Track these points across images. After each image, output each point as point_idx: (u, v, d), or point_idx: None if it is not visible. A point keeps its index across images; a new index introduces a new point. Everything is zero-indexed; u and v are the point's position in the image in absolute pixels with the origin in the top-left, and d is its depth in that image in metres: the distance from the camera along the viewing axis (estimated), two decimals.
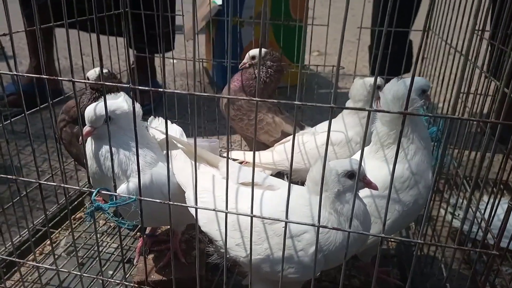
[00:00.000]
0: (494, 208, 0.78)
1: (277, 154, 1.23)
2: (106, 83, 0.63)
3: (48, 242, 1.11)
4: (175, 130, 0.98)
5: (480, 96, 1.07)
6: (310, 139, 1.21)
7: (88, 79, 1.11)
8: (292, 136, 1.27)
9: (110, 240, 1.11)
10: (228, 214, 0.77)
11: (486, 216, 0.74)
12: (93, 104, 0.81)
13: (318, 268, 0.76)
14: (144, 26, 1.45)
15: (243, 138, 1.50)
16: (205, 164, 0.90)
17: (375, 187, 0.76)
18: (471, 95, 1.03)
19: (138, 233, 1.12)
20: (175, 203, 0.68)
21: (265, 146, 1.34)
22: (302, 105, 0.59)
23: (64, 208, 1.23)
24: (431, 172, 0.90)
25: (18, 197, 1.13)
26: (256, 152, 1.25)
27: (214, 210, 0.70)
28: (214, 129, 1.73)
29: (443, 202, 1.16)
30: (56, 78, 0.66)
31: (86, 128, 0.80)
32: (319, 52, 3.29)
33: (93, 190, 0.70)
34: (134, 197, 0.69)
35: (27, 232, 1.11)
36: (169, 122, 1.02)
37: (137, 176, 0.79)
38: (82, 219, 1.20)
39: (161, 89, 0.60)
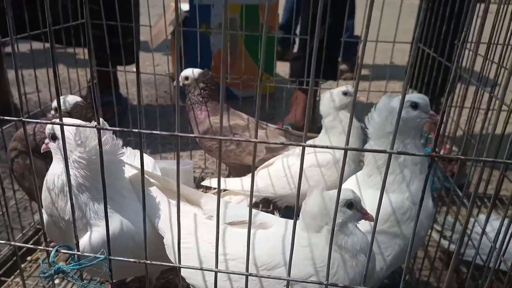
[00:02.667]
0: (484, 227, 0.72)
1: (260, 180, 1.13)
2: (64, 123, 0.50)
3: None
4: (146, 163, 0.85)
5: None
6: (296, 161, 1.12)
7: (55, 109, 1.00)
8: (275, 158, 1.19)
9: (71, 287, 0.97)
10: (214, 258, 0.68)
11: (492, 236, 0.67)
12: None
13: None
14: (106, 37, 1.33)
15: (227, 166, 1.39)
16: (184, 202, 0.78)
17: (371, 218, 0.68)
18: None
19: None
20: (153, 262, 0.56)
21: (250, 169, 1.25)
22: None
23: (20, 248, 1.07)
24: (431, 199, 0.84)
25: None
26: (238, 179, 1.14)
27: (201, 269, 0.59)
28: (186, 144, 1.61)
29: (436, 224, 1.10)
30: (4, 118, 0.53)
31: (45, 141, 0.71)
32: None
33: (51, 249, 0.57)
34: (101, 257, 0.57)
35: None
36: (138, 152, 0.91)
37: (99, 224, 0.68)
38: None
39: (135, 130, 0.49)
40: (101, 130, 0.51)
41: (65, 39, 1.22)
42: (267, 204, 1.23)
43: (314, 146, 0.48)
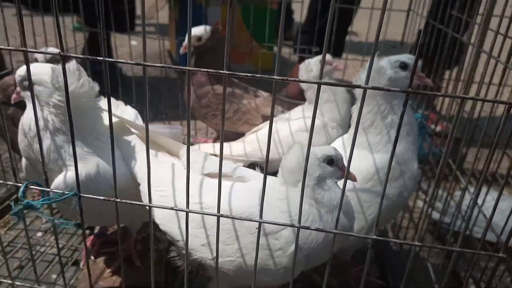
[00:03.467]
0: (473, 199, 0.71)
1: (248, 145, 1.11)
2: (28, 50, 0.49)
3: None
4: (129, 113, 0.84)
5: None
6: (284, 126, 1.11)
7: (37, 60, 0.98)
8: (263, 124, 1.18)
9: (54, 239, 0.96)
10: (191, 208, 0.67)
11: (487, 211, 0.66)
12: None
13: (297, 270, 0.66)
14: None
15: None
16: (164, 153, 0.77)
17: (353, 178, 0.67)
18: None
19: (87, 231, 0.97)
20: (123, 201, 0.55)
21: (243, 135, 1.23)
22: (282, 81, 0.48)
23: (3, 202, 1.06)
24: (417, 162, 0.82)
25: None
26: (226, 144, 1.13)
27: (172, 208, 0.57)
28: (177, 115, 1.59)
29: (421, 192, 1.09)
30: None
31: (16, 90, 0.69)
32: None
33: (20, 185, 0.56)
34: (71, 192, 0.55)
35: None
36: (122, 103, 0.89)
37: (80, 165, 0.67)
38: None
39: (101, 58, 0.47)
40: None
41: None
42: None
43: (286, 80, 0.46)
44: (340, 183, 0.70)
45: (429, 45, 1.20)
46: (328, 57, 1.11)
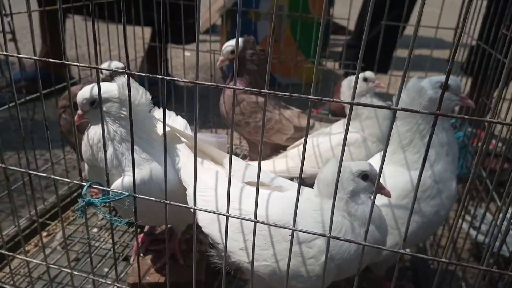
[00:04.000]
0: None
1: (291, 160, 1.15)
2: (99, 67, 0.57)
3: (44, 234, 1.06)
4: (179, 123, 0.92)
5: None
6: (325, 140, 1.14)
7: (102, 72, 1.09)
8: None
9: (109, 235, 1.06)
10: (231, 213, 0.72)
11: None
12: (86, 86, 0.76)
13: (328, 279, 0.69)
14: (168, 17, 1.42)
15: (252, 144, 1.34)
16: (209, 161, 0.83)
17: (387, 194, 0.69)
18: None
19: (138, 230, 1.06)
20: (171, 203, 0.62)
21: (279, 147, 1.26)
22: (317, 100, 0.52)
23: (65, 198, 1.18)
24: (455, 181, 0.83)
25: (15, 185, 1.09)
26: (270, 160, 1.18)
27: (214, 212, 0.63)
28: (223, 124, 1.67)
29: (464, 212, 1.07)
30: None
31: (78, 113, 0.76)
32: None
33: (84, 184, 0.65)
34: (127, 193, 0.63)
35: (23, 222, 1.06)
36: (173, 114, 0.97)
37: (135, 169, 0.74)
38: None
39: (160, 76, 0.54)
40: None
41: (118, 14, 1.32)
42: None
43: (320, 100, 0.50)
44: (378, 201, 0.73)
45: (474, 63, 1.19)
46: (371, 74, 1.13)
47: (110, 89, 0.76)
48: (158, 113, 0.92)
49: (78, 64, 0.59)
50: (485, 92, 1.26)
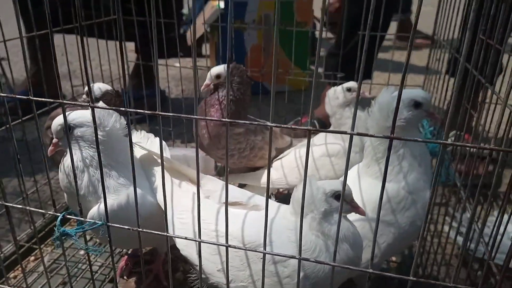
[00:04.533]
0: (496, 225, 0.71)
1: (275, 172, 1.16)
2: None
3: (32, 258, 1.07)
4: (157, 145, 0.93)
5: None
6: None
7: (87, 94, 1.10)
8: (289, 150, 1.22)
9: (95, 257, 1.07)
10: (207, 235, 0.73)
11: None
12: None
13: None
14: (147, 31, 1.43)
15: (236, 170, 1.26)
16: (187, 182, 0.84)
17: (362, 213, 0.70)
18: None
19: (124, 250, 1.07)
20: (144, 230, 0.63)
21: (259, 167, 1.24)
22: (276, 127, 0.53)
23: (52, 220, 1.19)
24: (429, 191, 0.83)
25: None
26: (255, 173, 1.19)
27: (186, 238, 0.64)
28: None
29: (448, 216, 1.08)
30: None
31: (53, 141, 0.77)
32: None
33: (58, 214, 0.66)
34: (100, 222, 0.64)
35: (10, 248, 1.07)
36: (152, 135, 0.98)
37: (112, 196, 0.75)
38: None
39: (123, 108, 0.55)
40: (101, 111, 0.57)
41: (106, 33, 1.35)
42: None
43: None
44: (349, 216, 0.73)
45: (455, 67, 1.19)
46: (354, 84, 1.14)
47: (84, 114, 0.77)
48: (135, 136, 0.93)
49: (45, 99, 0.60)
50: (467, 96, 1.27)
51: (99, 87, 1.07)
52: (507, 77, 0.84)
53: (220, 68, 1.11)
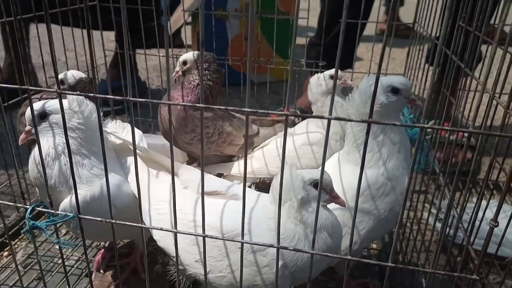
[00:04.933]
0: (475, 211, 0.72)
1: (256, 161, 1.14)
2: (30, 87, 0.55)
3: (5, 253, 1.03)
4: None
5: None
6: (288, 141, 1.13)
7: (62, 81, 1.06)
8: (270, 139, 1.21)
9: (71, 251, 1.04)
10: (185, 225, 0.71)
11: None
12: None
13: (284, 286, 0.69)
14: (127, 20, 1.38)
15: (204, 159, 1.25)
16: (164, 172, 0.82)
17: (342, 203, 0.69)
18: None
19: (101, 244, 1.04)
20: (117, 222, 0.60)
21: (230, 158, 1.23)
22: (252, 113, 0.52)
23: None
24: (408, 177, 0.83)
25: None
26: (236, 162, 1.17)
27: (161, 229, 0.62)
28: None
29: (428, 203, 1.09)
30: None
31: (25, 130, 0.74)
32: None
33: (28, 207, 0.63)
34: (71, 214, 0.61)
35: None
36: (128, 125, 0.95)
37: (81, 188, 0.73)
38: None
39: (91, 94, 0.52)
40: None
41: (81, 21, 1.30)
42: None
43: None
44: (332, 208, 0.72)
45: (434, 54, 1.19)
46: (339, 72, 1.13)
47: (57, 101, 0.73)
48: (111, 125, 0.90)
49: (11, 85, 0.57)
50: (446, 84, 1.28)
51: (72, 74, 1.04)
52: (486, 67, 0.84)
53: (187, 55, 1.12)
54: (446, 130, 0.50)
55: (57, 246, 1.05)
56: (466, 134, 1.39)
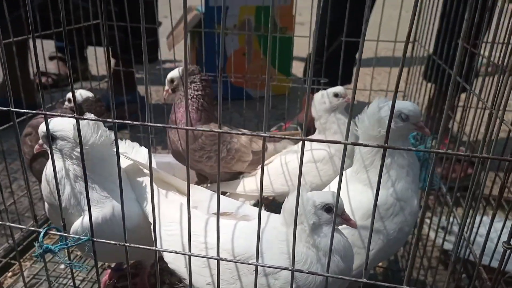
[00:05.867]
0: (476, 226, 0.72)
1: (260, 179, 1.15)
2: (47, 112, 0.55)
3: (9, 274, 1.02)
4: (142, 154, 0.90)
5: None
6: (293, 158, 1.14)
7: (69, 101, 1.07)
8: (274, 156, 1.21)
9: (76, 271, 1.03)
10: (196, 247, 0.71)
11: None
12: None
13: None
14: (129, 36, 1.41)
15: (213, 177, 1.22)
16: (174, 192, 0.83)
17: (354, 225, 0.69)
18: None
19: (106, 264, 1.03)
20: (131, 245, 0.61)
21: (238, 175, 1.22)
22: (270, 137, 0.53)
23: (31, 234, 1.14)
24: (417, 199, 0.84)
25: None
26: (238, 181, 1.17)
27: (176, 252, 0.62)
28: None
29: (432, 222, 1.10)
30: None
31: (39, 142, 0.75)
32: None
33: (40, 230, 0.63)
34: (85, 237, 0.61)
35: None
36: (137, 145, 0.96)
37: (96, 208, 0.73)
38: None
39: (110, 120, 0.53)
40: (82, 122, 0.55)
41: (85, 39, 1.31)
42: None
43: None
44: (341, 227, 0.72)
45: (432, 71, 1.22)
46: (341, 89, 1.13)
47: (65, 127, 0.74)
48: (121, 146, 0.91)
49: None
50: (444, 99, 1.30)
51: (80, 93, 1.05)
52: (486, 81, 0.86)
53: (173, 73, 1.11)
54: (459, 155, 0.51)
55: (62, 266, 1.05)
56: (462, 149, 1.41)
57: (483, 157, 0.50)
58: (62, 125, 0.73)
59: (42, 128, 0.75)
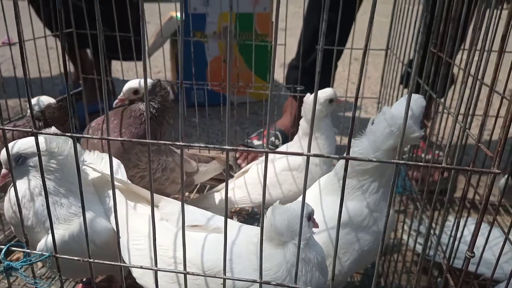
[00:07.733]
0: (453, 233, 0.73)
1: (238, 190, 1.13)
2: (5, 127, 0.54)
3: None
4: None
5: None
6: (269, 167, 1.13)
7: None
8: (249, 165, 1.20)
9: (48, 285, 1.00)
10: (165, 261, 0.70)
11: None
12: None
13: None
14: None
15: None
16: (144, 203, 0.81)
17: (316, 225, 0.69)
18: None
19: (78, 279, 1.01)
20: (95, 261, 0.59)
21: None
22: (232, 149, 0.52)
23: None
24: (392, 205, 0.84)
25: None
26: (218, 193, 1.16)
27: (141, 267, 0.61)
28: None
29: (407, 225, 1.11)
30: None
31: (2, 172, 0.71)
32: None
33: (3, 247, 0.60)
34: (47, 254, 0.59)
35: None
36: (105, 155, 0.93)
37: (58, 227, 0.71)
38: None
39: (68, 134, 0.51)
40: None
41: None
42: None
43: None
44: (318, 236, 0.72)
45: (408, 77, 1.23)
46: (334, 94, 1.11)
47: (34, 143, 0.71)
48: (89, 157, 0.89)
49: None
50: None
51: (41, 100, 0.99)
52: (458, 86, 0.87)
53: (136, 83, 0.98)
54: (418, 165, 0.51)
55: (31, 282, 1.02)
56: (440, 154, 1.43)
57: (442, 167, 0.50)
58: (30, 142, 0.71)
59: (3, 154, 0.71)
